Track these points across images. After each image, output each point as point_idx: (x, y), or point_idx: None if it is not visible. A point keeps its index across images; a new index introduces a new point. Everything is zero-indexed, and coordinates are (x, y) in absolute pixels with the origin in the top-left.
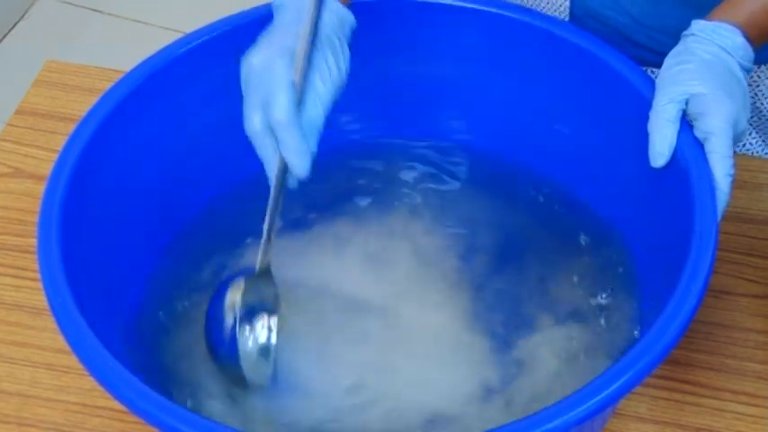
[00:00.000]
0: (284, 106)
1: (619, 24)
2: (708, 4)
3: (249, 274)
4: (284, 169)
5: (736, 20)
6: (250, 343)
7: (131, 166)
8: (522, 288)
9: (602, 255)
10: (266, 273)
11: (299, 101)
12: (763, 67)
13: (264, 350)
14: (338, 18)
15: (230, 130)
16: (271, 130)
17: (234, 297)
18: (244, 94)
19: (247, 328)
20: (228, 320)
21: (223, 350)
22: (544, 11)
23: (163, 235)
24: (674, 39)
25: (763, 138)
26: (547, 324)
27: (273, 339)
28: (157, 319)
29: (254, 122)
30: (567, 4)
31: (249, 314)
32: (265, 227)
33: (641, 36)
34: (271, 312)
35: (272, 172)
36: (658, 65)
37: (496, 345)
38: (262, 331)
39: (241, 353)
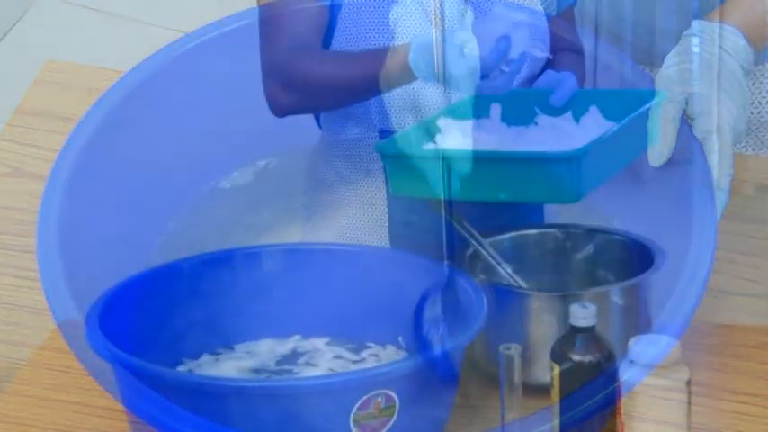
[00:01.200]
0: None
1: (606, 21)
2: (697, 8)
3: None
4: None
5: (738, 22)
6: None
7: (130, 166)
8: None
9: (599, 252)
10: None
11: None
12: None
13: None
14: None
15: (228, 128)
16: None
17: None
18: None
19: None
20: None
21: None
22: (532, 5)
23: (161, 232)
24: (662, 39)
25: (754, 138)
26: None
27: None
28: (157, 318)
29: None
30: None
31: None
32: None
33: (629, 34)
34: None
35: None
36: (647, 63)
37: None
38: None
39: None
